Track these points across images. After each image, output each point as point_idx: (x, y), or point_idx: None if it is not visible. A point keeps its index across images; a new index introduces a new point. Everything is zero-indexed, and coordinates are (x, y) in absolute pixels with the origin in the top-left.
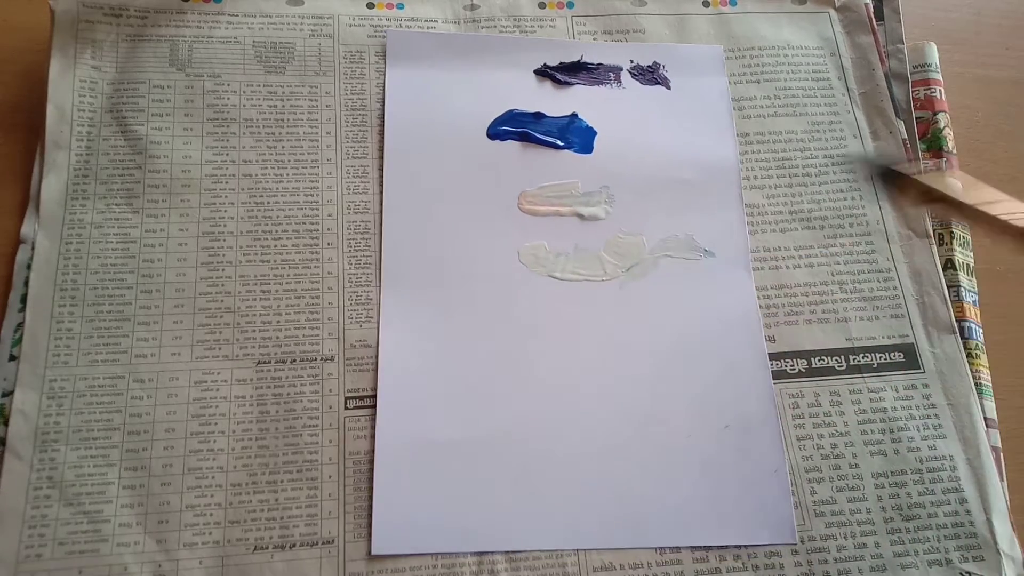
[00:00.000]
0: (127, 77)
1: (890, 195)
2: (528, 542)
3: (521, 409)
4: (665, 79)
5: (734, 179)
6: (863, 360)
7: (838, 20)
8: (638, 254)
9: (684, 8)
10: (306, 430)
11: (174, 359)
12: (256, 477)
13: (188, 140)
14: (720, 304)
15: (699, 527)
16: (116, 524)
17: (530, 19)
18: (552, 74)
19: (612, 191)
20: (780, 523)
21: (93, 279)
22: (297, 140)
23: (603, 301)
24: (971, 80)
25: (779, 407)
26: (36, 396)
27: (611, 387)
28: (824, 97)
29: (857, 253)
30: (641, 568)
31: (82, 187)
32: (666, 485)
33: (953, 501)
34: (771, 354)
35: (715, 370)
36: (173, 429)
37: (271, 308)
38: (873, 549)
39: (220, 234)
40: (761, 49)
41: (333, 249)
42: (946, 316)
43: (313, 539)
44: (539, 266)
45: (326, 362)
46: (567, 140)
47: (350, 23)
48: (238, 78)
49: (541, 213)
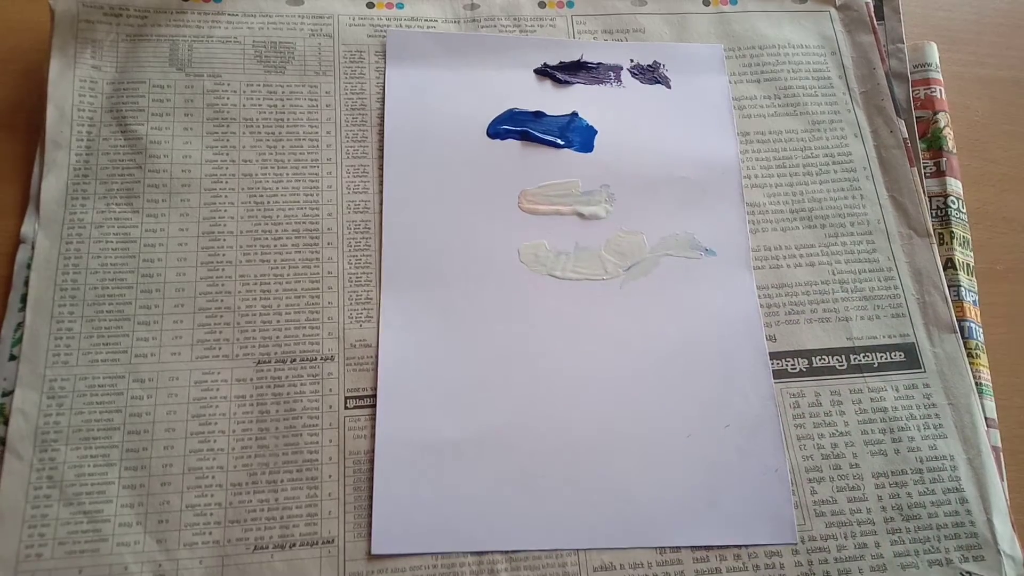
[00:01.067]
0: (127, 77)
1: None
2: (528, 542)
3: (521, 409)
4: (665, 78)
5: (735, 178)
6: (864, 359)
7: (839, 19)
8: (639, 253)
9: (684, 7)
10: (306, 430)
11: (174, 359)
12: (256, 477)
13: (188, 140)
14: (721, 303)
15: (699, 527)
16: (116, 524)
17: (530, 19)
18: (552, 73)
19: (612, 190)
20: (781, 523)
21: (93, 279)
22: (297, 140)
23: (604, 300)
24: (971, 80)
25: (779, 406)
26: (36, 396)
27: (611, 386)
28: (824, 96)
29: (858, 252)
30: (641, 568)
31: (82, 187)
32: (666, 485)
33: (953, 501)
34: (772, 353)
35: (716, 369)
36: (173, 429)
37: (271, 308)
38: (873, 549)
39: (220, 234)
40: (761, 48)
41: (333, 249)
42: (947, 315)
43: (313, 539)
44: (539, 265)
45: (326, 362)
46: (567, 139)
47: (350, 23)
48: (238, 78)
49: (541, 212)
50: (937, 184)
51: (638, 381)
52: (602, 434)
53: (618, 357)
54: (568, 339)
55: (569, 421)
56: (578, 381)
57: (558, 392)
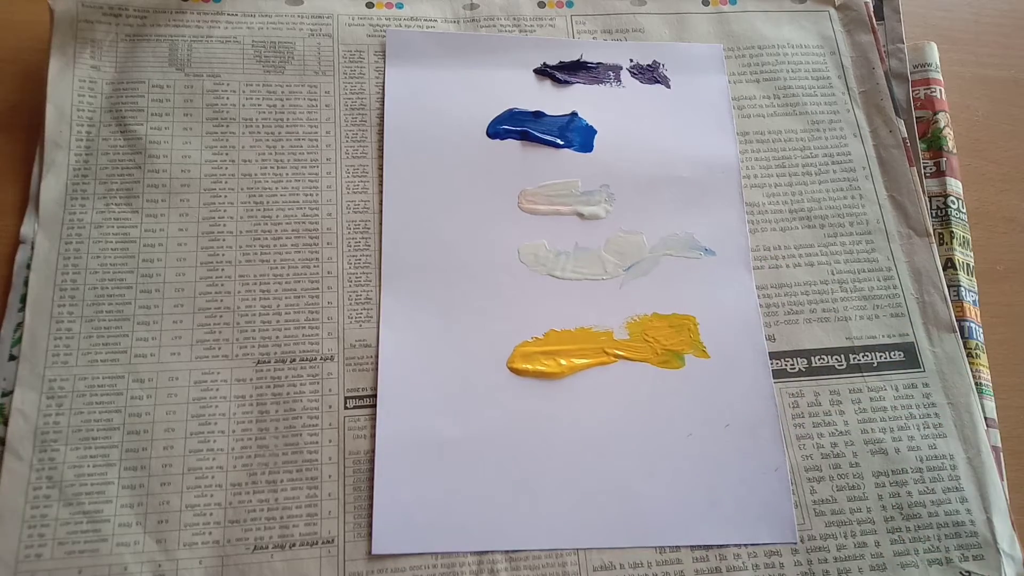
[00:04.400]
0: (126, 77)
1: None
2: (528, 541)
3: (520, 408)
4: (665, 78)
5: (734, 177)
6: (863, 359)
7: (838, 19)
8: (638, 253)
9: (684, 7)
10: (306, 430)
11: (174, 359)
12: (256, 477)
13: (187, 140)
14: (720, 302)
15: (699, 526)
16: (116, 524)
17: (530, 18)
18: (552, 73)
19: (612, 190)
20: (781, 522)
21: (93, 279)
22: (297, 140)
23: (604, 300)
24: (971, 80)
25: (779, 406)
26: (36, 396)
27: (611, 386)
28: (824, 96)
29: (857, 252)
30: (641, 568)
31: (81, 187)
32: (666, 484)
33: (953, 500)
34: (771, 353)
35: (715, 369)
36: (173, 429)
37: (271, 308)
38: (873, 548)
39: (220, 234)
40: (761, 48)
41: (333, 249)
42: (946, 315)
43: (313, 539)
44: (539, 265)
45: (326, 362)
46: (567, 139)
47: (349, 22)
48: (237, 78)
49: (541, 212)
50: (937, 184)
51: (638, 380)
52: (602, 433)
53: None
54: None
55: (569, 420)
56: (578, 381)
57: (557, 392)
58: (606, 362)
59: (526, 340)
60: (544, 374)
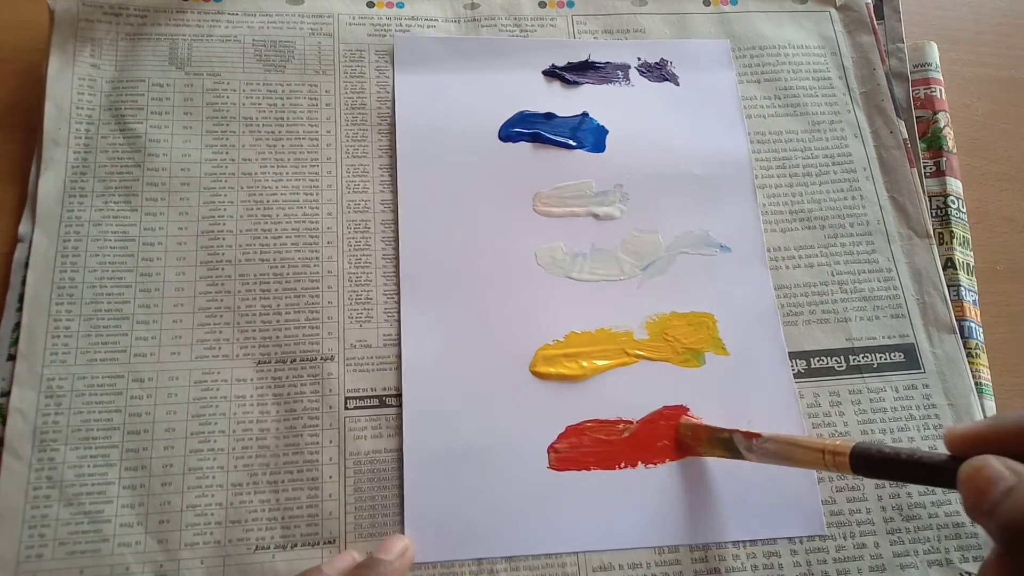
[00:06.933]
0: (126, 75)
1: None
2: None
3: (532, 412)
4: (673, 75)
5: (747, 173)
6: (863, 360)
7: (839, 19)
8: (654, 252)
9: (685, 7)
10: (306, 430)
11: (174, 358)
12: (257, 477)
13: (187, 139)
14: (738, 298)
15: (726, 523)
16: (117, 524)
17: (530, 18)
18: (561, 74)
19: (626, 189)
20: (809, 514)
21: (91, 277)
22: (297, 139)
23: (622, 301)
24: (971, 80)
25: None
26: (34, 395)
27: (634, 386)
28: (825, 96)
29: (857, 253)
30: (640, 568)
31: (80, 185)
32: (690, 482)
33: (954, 501)
34: None
35: (735, 365)
36: (173, 429)
37: (271, 307)
38: (873, 549)
39: (219, 233)
40: (762, 48)
41: (333, 248)
42: (946, 316)
43: (314, 539)
44: (557, 268)
45: (326, 362)
46: (579, 139)
47: (350, 22)
48: (238, 77)
49: (556, 215)
50: (937, 184)
51: (660, 380)
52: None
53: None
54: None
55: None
56: (600, 382)
57: (581, 394)
58: (627, 363)
59: (547, 343)
60: (567, 377)
